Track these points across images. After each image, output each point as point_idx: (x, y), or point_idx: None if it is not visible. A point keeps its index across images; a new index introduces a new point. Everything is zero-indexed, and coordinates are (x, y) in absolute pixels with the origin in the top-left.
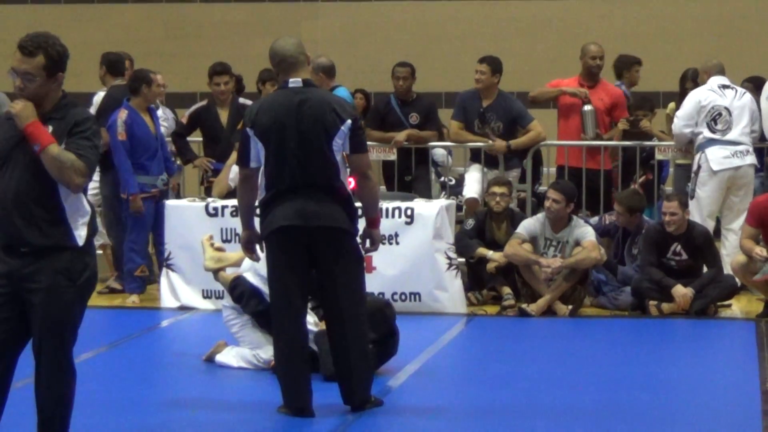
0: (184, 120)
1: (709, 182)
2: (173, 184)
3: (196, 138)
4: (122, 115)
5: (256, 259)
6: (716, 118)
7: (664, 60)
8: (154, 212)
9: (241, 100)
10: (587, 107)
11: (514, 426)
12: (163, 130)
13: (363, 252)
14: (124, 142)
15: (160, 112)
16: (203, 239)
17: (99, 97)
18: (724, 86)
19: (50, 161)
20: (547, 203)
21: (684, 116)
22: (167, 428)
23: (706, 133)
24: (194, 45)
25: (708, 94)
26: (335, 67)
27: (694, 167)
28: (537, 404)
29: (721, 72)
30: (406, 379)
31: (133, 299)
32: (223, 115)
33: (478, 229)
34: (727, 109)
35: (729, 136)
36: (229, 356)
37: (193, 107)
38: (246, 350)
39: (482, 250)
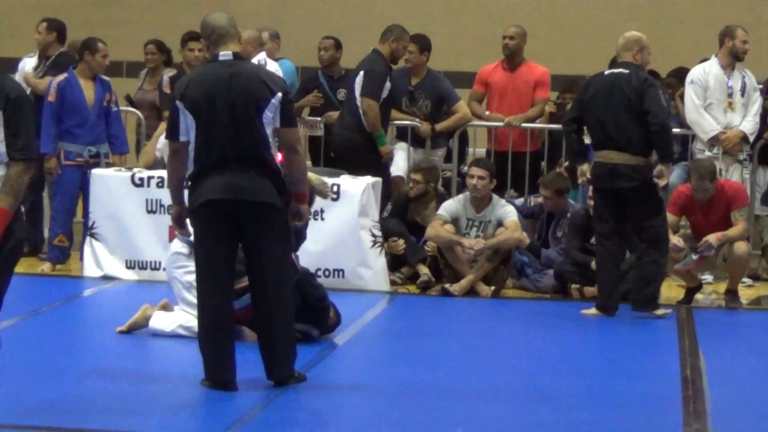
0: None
1: None
2: (116, 160)
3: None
4: (59, 78)
5: (187, 234)
6: None
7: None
8: (80, 182)
9: None
10: None
11: (436, 405)
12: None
13: (291, 227)
14: (51, 103)
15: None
16: None
17: (24, 63)
18: None
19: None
20: (471, 181)
21: None
22: (87, 398)
23: None
24: (120, 13)
25: None
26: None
27: None
28: (458, 384)
29: None
30: (329, 355)
31: (42, 268)
32: None
33: (398, 212)
34: None
35: None
36: (164, 319)
37: (165, 76)
38: (182, 314)
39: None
